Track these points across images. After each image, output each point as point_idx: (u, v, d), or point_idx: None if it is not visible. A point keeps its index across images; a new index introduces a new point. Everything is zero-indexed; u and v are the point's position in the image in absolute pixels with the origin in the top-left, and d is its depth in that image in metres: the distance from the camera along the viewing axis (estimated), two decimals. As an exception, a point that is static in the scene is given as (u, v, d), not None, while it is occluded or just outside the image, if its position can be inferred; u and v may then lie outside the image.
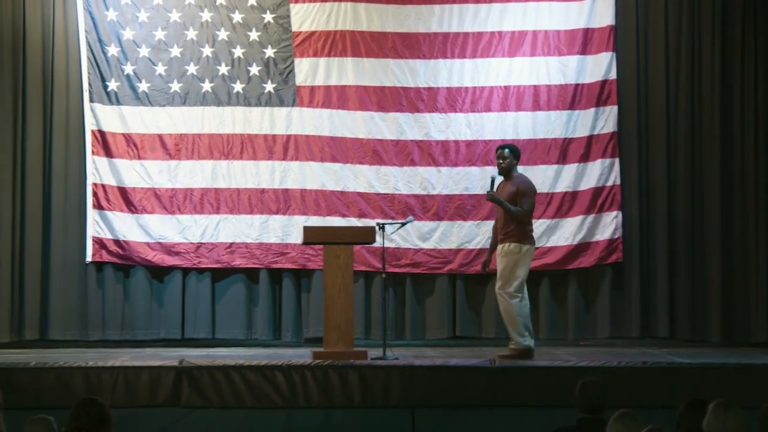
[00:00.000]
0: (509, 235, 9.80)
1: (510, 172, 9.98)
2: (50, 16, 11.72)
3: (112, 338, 11.58)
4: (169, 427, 8.83)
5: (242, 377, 8.87)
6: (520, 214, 9.75)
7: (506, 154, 9.95)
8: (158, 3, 11.78)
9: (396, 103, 11.81)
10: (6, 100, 11.64)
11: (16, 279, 11.54)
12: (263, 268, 11.71)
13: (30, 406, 7.92)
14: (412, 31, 11.84)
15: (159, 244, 11.60)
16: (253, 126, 11.82)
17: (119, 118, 11.70)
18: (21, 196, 11.63)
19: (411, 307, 11.78)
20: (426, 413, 8.80)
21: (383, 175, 11.74)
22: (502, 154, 9.98)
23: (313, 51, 11.82)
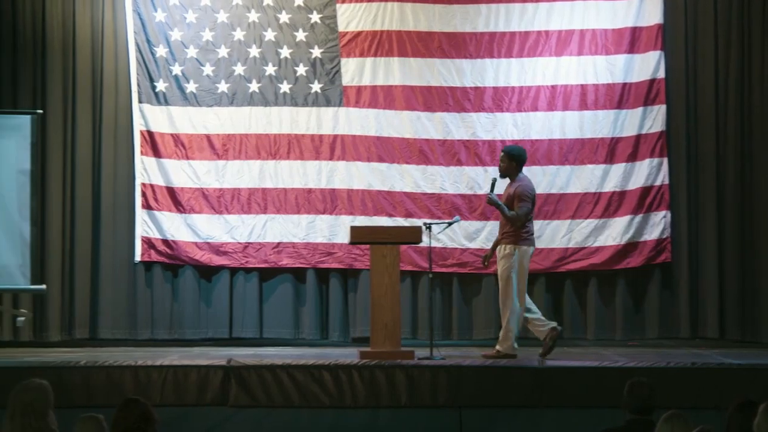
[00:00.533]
0: (506, 236, 9.91)
1: (511, 175, 10.06)
2: (99, 18, 11.82)
3: (160, 337, 11.66)
4: (217, 426, 8.86)
5: (290, 377, 8.89)
6: (513, 217, 9.83)
7: (502, 157, 10.11)
8: (206, 4, 11.85)
9: (442, 103, 11.80)
10: (56, 101, 11.75)
11: (66, 279, 11.65)
12: (310, 268, 11.74)
13: (80, 404, 8.00)
14: (459, 31, 11.82)
15: (207, 243, 11.66)
16: (300, 126, 11.85)
17: (167, 119, 11.77)
18: (71, 196, 11.73)
19: (458, 307, 11.76)
20: (473, 413, 8.77)
21: (430, 175, 11.73)
22: (501, 158, 10.13)
23: (360, 51, 11.84)
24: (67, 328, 11.64)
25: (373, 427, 8.80)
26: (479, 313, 11.78)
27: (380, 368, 8.90)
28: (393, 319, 9.45)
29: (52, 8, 11.80)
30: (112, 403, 5.72)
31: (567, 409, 8.73)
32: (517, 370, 8.97)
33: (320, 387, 8.86)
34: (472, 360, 9.45)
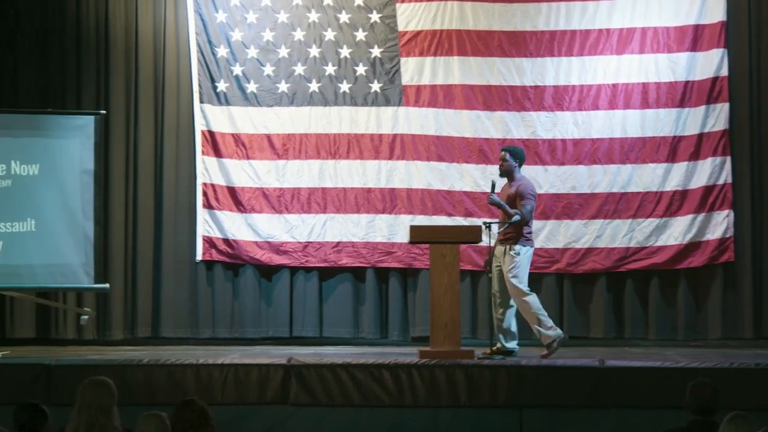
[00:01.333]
0: (509, 237, 9.81)
1: (511, 174, 10.00)
2: (161, 19, 11.92)
3: (221, 336, 11.73)
4: (277, 424, 8.88)
5: (350, 376, 8.90)
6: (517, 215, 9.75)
7: (506, 158, 10.00)
8: (266, 4, 11.90)
9: (502, 102, 11.76)
10: (119, 101, 11.87)
11: (129, 278, 11.76)
12: (370, 267, 11.76)
13: (142, 402, 8.04)
14: (519, 30, 11.77)
15: (267, 243, 11.72)
16: (360, 126, 11.87)
17: (228, 119, 11.85)
18: (134, 195, 11.84)
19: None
20: (533, 413, 8.73)
21: (489, 174, 11.62)
22: (502, 157, 10.06)
23: (420, 50, 11.83)
24: (129, 326, 11.75)
25: (433, 427, 8.79)
26: (539, 312, 11.72)
27: (440, 367, 8.88)
28: (452, 318, 9.43)
29: (116, 10, 11.92)
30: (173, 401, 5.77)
31: (628, 409, 8.64)
32: (578, 369, 8.89)
33: (380, 386, 8.86)
34: (531, 359, 9.40)
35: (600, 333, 11.60)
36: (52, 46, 11.91)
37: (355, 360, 9.18)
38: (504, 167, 10.02)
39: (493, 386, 8.77)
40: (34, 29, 11.90)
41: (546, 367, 8.96)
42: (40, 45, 11.89)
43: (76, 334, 11.67)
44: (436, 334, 9.44)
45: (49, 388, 8.81)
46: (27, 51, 11.88)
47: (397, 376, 8.86)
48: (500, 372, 8.82)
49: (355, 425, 8.84)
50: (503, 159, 10.02)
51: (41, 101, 11.72)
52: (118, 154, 11.82)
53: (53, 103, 11.72)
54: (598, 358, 9.29)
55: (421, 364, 8.92)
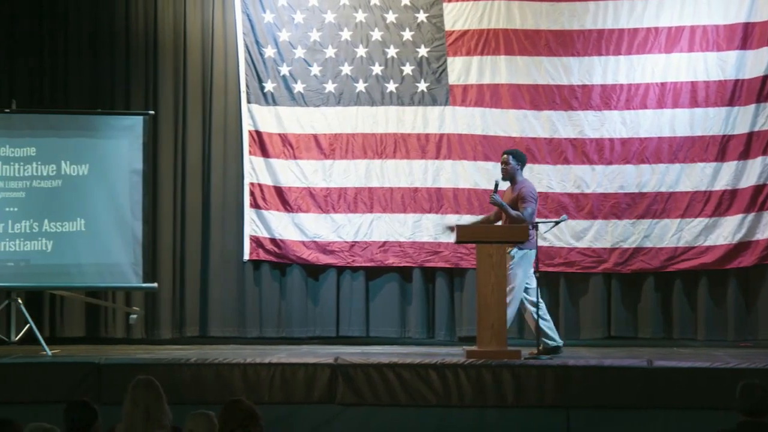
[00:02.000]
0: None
1: (514, 177, 9.99)
2: (209, 19, 11.98)
3: (268, 335, 11.77)
4: (324, 424, 8.89)
5: (396, 375, 8.89)
6: (520, 218, 9.72)
7: (510, 161, 10.00)
8: (313, 4, 11.93)
9: (549, 101, 11.72)
10: (167, 101, 11.94)
11: (177, 277, 11.83)
12: (416, 267, 11.76)
13: (190, 401, 8.04)
14: (566, 29, 11.72)
15: (314, 242, 11.74)
16: (406, 125, 11.87)
17: (275, 119, 11.89)
18: (182, 195, 11.92)
19: (565, 307, 11.67)
20: (581, 414, 8.68)
21: (536, 174, 11.64)
22: (505, 160, 10.03)
23: (466, 50, 11.81)
24: (177, 325, 11.83)
25: (480, 427, 8.77)
26: (587, 312, 11.67)
27: (487, 367, 8.85)
28: (499, 318, 9.40)
29: (164, 11, 12.00)
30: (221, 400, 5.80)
31: (677, 410, 8.58)
32: (627, 370, 8.83)
33: (427, 386, 8.84)
34: (578, 360, 9.35)
35: (648, 333, 11.53)
36: (102, 47, 12.01)
37: (401, 360, 9.17)
38: (507, 170, 10.02)
39: (540, 386, 8.74)
40: (85, 31, 12.01)
41: (593, 368, 8.91)
42: (90, 46, 12.00)
43: (125, 333, 11.76)
44: (483, 333, 9.42)
45: (99, 386, 8.87)
46: (77, 52, 11.99)
47: (444, 375, 8.84)
48: (547, 372, 8.79)
49: (402, 425, 8.83)
50: (506, 162, 10.02)
51: (91, 102, 11.83)
52: (166, 154, 11.90)
53: (103, 103, 11.83)
54: (646, 358, 9.23)
55: (468, 364, 8.90)
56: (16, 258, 10.43)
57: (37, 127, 10.66)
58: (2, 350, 10.09)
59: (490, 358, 9.06)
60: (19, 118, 10.68)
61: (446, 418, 8.80)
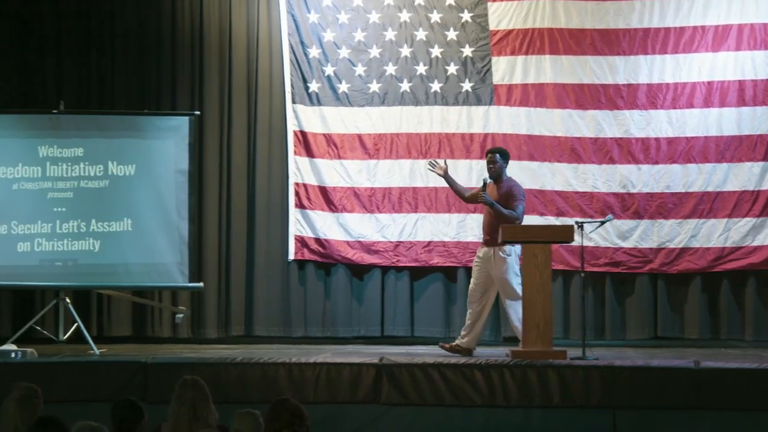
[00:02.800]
0: (496, 238, 9.74)
1: (500, 176, 10.00)
2: (254, 20, 12.02)
3: (313, 335, 11.81)
4: (369, 423, 8.88)
5: (441, 375, 8.88)
6: (512, 216, 9.75)
7: (497, 159, 10.01)
8: (358, 4, 11.95)
9: (595, 101, 11.66)
10: (213, 102, 12.00)
11: (222, 277, 11.89)
12: (461, 267, 11.74)
13: (235, 400, 8.06)
14: (612, 28, 11.66)
15: (359, 242, 11.76)
16: (451, 125, 11.86)
17: (320, 119, 11.91)
18: (227, 195, 11.97)
19: (611, 307, 11.62)
20: (627, 414, 8.63)
21: (581, 174, 11.61)
22: (492, 159, 10.03)
23: (511, 49, 11.78)
24: (223, 325, 11.88)
25: (526, 427, 8.74)
26: (633, 312, 11.61)
27: (532, 368, 8.83)
28: (545, 318, 9.38)
29: (210, 12, 12.07)
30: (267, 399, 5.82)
31: (725, 411, 8.51)
32: (673, 370, 8.76)
33: (472, 386, 8.82)
34: (625, 360, 9.30)
35: (695, 334, 11.45)
36: (148, 48, 12.09)
37: (446, 360, 9.17)
38: (495, 169, 10.02)
39: (586, 387, 8.70)
40: (131, 32, 12.09)
41: (640, 368, 8.86)
42: (137, 47, 12.09)
43: (171, 333, 11.84)
44: (528, 334, 9.40)
45: (146, 385, 8.92)
46: (123, 53, 12.08)
47: (489, 376, 8.82)
48: (593, 372, 8.74)
49: (447, 425, 8.82)
50: (493, 161, 10.03)
51: (137, 102, 11.91)
52: (211, 154, 11.96)
53: (149, 104, 11.92)
54: (693, 359, 9.16)
55: (513, 364, 8.88)
56: (64, 258, 10.53)
57: (84, 128, 10.75)
58: (51, 349, 10.19)
59: (535, 358, 9.04)
60: (66, 119, 10.77)
61: (491, 418, 8.78)
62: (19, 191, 10.54)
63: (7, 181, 10.53)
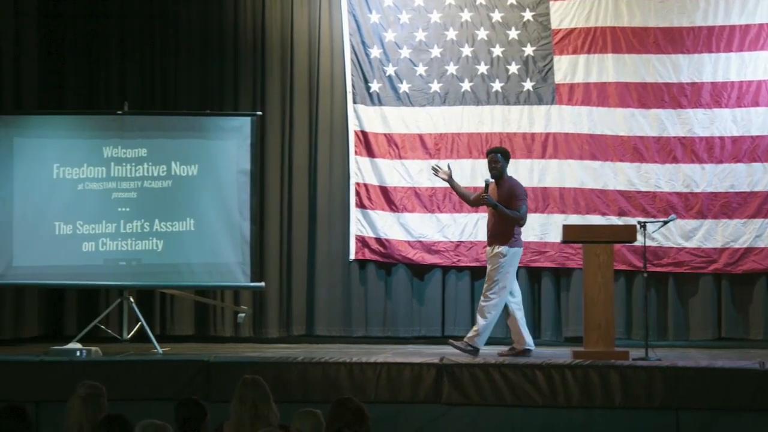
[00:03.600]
0: (497, 237, 9.89)
1: (502, 175, 10.06)
2: (316, 20, 12.07)
3: (374, 335, 11.82)
4: (429, 423, 8.89)
5: (502, 375, 8.86)
6: (516, 216, 9.83)
7: (499, 159, 10.07)
8: (419, 4, 11.95)
9: (658, 100, 11.56)
10: (275, 102, 12.07)
11: (284, 276, 11.94)
12: (522, 267, 11.66)
13: (297, 400, 8.13)
14: (675, 26, 11.56)
15: (419, 242, 11.75)
16: (512, 125, 11.82)
17: (381, 119, 11.93)
18: (288, 195, 12.03)
19: (674, 307, 11.52)
20: (691, 416, 8.56)
21: (644, 173, 11.52)
22: (494, 159, 10.08)
23: (573, 48, 11.72)
24: (285, 324, 11.94)
25: (587, 428, 8.70)
26: (696, 313, 11.50)
27: (594, 368, 8.78)
28: (606, 318, 9.34)
29: (272, 13, 12.13)
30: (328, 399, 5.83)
31: (790, 413, 8.43)
32: (738, 371, 8.67)
33: (533, 386, 8.80)
34: (688, 361, 9.22)
35: (760, 335, 11.33)
36: (211, 49, 12.18)
37: (507, 360, 9.14)
38: (497, 169, 10.09)
39: (649, 387, 8.64)
40: (194, 32, 12.19)
41: (703, 369, 8.77)
42: (199, 48, 12.18)
43: (233, 332, 11.92)
44: (590, 334, 9.37)
45: (208, 384, 9.00)
46: (186, 54, 12.18)
47: (550, 376, 8.79)
48: (656, 373, 8.68)
49: (508, 425, 8.81)
50: (495, 161, 10.09)
51: (200, 103, 12.01)
52: (273, 154, 12.02)
53: (211, 104, 12.01)
54: (758, 360, 9.05)
55: (575, 365, 8.84)
56: (128, 257, 10.64)
57: (148, 129, 10.85)
58: (115, 348, 10.30)
59: (597, 358, 9.01)
60: (130, 120, 10.88)
61: (552, 418, 8.76)
62: (84, 191, 10.66)
63: (73, 182, 10.65)
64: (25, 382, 9.06)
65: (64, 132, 10.80)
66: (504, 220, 9.87)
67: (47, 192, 10.63)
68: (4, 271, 10.53)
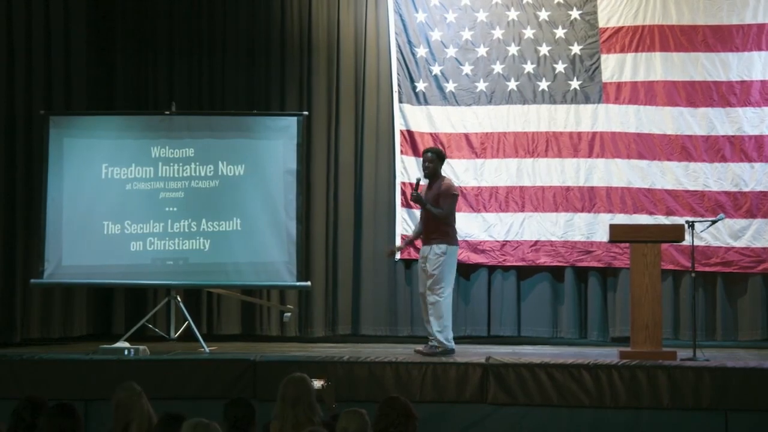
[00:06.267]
0: (434, 237, 9.95)
1: (435, 175, 10.09)
2: (362, 20, 12.09)
3: (420, 334, 11.77)
4: (475, 423, 8.90)
5: (548, 375, 8.85)
6: (440, 214, 9.91)
7: (431, 158, 10.13)
8: (466, 3, 11.93)
9: (706, 98, 11.48)
10: (321, 102, 12.09)
11: (329, 276, 11.96)
12: (568, 266, 11.65)
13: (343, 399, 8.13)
14: (725, 24, 11.48)
15: (465, 242, 11.73)
16: (558, 124, 11.78)
17: (427, 118, 11.92)
18: (334, 195, 12.05)
19: (722, 307, 11.43)
20: (740, 417, 8.52)
21: (692, 172, 11.45)
22: (427, 158, 10.13)
23: (620, 47, 11.66)
24: (330, 323, 11.96)
25: (634, 428, 8.68)
26: (745, 313, 11.41)
27: (641, 368, 8.75)
28: (654, 318, 9.30)
29: (318, 13, 12.16)
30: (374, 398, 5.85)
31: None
32: (787, 373, 8.62)
33: (579, 386, 8.78)
34: (737, 361, 9.15)
35: (811, 335, 11.24)
36: (258, 49, 12.22)
37: (553, 360, 9.13)
38: (431, 168, 10.17)
39: (697, 388, 8.61)
40: (241, 32, 12.24)
41: (753, 369, 8.72)
42: (246, 48, 12.22)
43: (279, 331, 11.95)
44: (637, 334, 9.33)
45: (255, 383, 9.04)
46: (234, 54, 12.23)
47: (597, 376, 8.76)
48: (704, 374, 8.64)
49: (554, 425, 8.80)
50: (430, 161, 10.15)
51: (246, 103, 12.06)
52: (319, 154, 12.05)
53: (258, 104, 12.05)
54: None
55: (622, 365, 8.81)
56: (175, 257, 10.68)
57: (195, 129, 10.90)
58: (162, 347, 10.36)
59: (644, 358, 8.97)
60: (178, 120, 10.93)
61: (599, 419, 8.74)
62: (133, 191, 10.73)
63: (121, 182, 10.72)
64: (75, 381, 9.16)
65: (112, 132, 10.87)
66: (436, 219, 9.97)
67: (96, 192, 10.70)
68: (53, 271, 10.61)
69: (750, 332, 11.37)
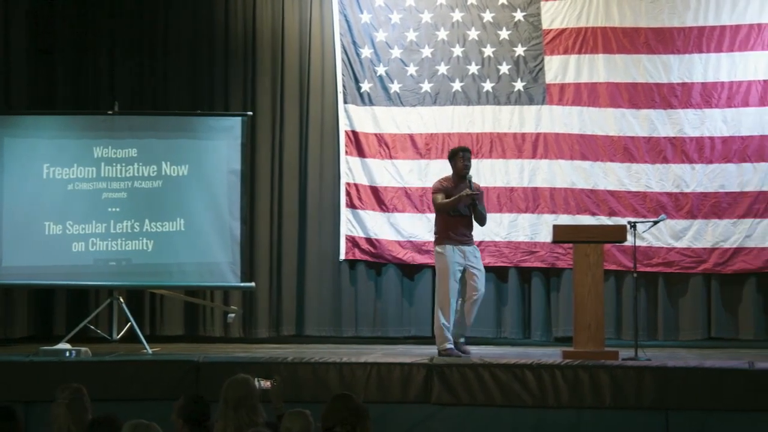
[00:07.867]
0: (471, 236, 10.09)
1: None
2: (307, 20, 12.06)
3: (364, 335, 11.82)
4: (419, 423, 8.89)
5: (492, 376, 8.86)
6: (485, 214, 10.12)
7: (470, 157, 10.13)
8: (410, 4, 11.94)
9: (648, 100, 11.57)
10: (265, 102, 12.06)
11: (274, 277, 11.94)
12: (512, 267, 11.69)
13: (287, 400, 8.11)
14: (666, 26, 11.57)
15: (410, 242, 11.74)
16: (503, 125, 11.81)
17: (372, 119, 11.92)
18: (279, 195, 12.02)
19: (663, 308, 11.53)
20: (680, 416, 8.57)
21: (635, 173, 11.53)
22: (467, 157, 10.08)
23: (564, 48, 11.72)
24: (274, 324, 11.92)
25: (577, 428, 8.70)
26: (686, 313, 11.51)
27: (583, 368, 8.79)
28: (596, 319, 9.34)
29: (262, 12, 12.12)
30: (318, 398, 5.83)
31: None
32: (727, 372, 8.68)
33: (523, 386, 8.80)
34: (678, 361, 9.22)
35: (750, 335, 11.34)
36: (201, 49, 12.17)
37: (497, 360, 9.15)
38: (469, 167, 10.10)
39: (639, 388, 8.65)
40: (184, 32, 12.18)
41: (693, 369, 8.78)
42: (190, 48, 12.17)
43: (223, 332, 11.91)
44: (580, 334, 9.37)
45: (198, 384, 8.99)
46: (177, 54, 12.17)
47: (540, 376, 8.80)
48: (646, 373, 8.69)
49: (497, 425, 8.81)
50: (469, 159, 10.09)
51: (190, 103, 12.01)
52: (264, 154, 12.01)
53: (202, 104, 11.99)
54: (747, 360, 9.06)
55: (565, 365, 8.85)
56: (118, 257, 10.62)
57: (138, 129, 10.83)
58: (104, 348, 10.28)
59: (587, 358, 9.01)
60: (121, 120, 10.86)
61: (542, 418, 8.77)
62: (75, 192, 10.64)
63: (63, 182, 10.63)
64: (15, 383, 9.04)
65: (54, 132, 10.78)
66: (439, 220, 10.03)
67: (37, 192, 10.61)
68: (-7, 272, 10.52)
69: (691, 332, 11.47)
